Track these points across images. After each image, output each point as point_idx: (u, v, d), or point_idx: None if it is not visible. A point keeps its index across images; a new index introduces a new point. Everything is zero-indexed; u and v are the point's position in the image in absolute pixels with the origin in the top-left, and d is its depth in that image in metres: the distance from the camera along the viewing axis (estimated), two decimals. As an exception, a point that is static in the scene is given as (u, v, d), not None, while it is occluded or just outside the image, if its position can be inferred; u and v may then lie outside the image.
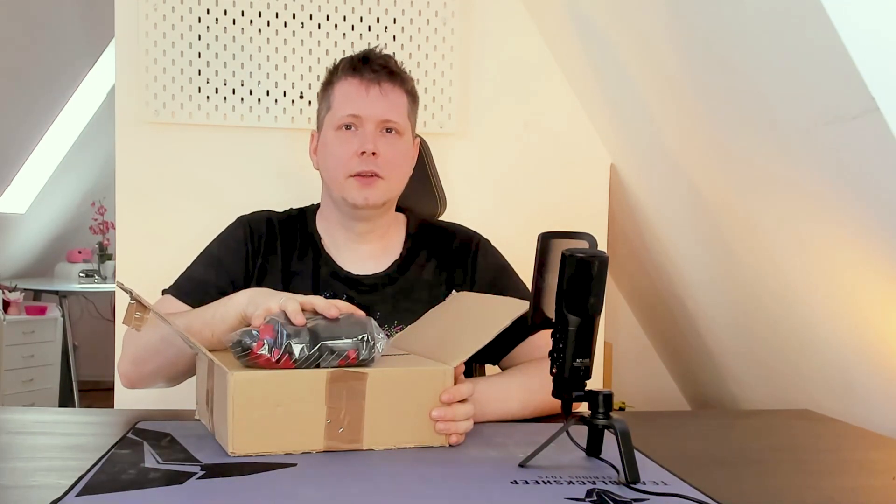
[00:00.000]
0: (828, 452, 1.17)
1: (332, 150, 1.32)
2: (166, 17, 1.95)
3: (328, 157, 1.34)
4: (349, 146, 1.31)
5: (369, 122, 1.31)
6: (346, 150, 1.31)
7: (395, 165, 1.33)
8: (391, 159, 1.32)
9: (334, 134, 1.32)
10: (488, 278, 1.39)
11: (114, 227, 4.18)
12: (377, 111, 1.31)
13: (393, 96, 1.33)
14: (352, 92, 1.32)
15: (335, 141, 1.32)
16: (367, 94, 1.31)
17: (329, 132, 1.33)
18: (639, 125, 1.89)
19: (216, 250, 1.37)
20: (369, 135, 1.30)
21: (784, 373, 1.72)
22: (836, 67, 1.04)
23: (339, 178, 1.32)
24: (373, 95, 1.31)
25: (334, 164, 1.32)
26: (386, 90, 1.32)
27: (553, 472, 0.94)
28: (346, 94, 1.32)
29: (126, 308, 1.03)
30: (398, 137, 1.33)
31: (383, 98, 1.31)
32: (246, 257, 1.35)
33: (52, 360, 4.31)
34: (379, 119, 1.31)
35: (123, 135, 1.98)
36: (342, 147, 1.31)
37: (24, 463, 0.99)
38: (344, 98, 1.32)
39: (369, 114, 1.30)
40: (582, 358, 0.93)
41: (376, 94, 1.31)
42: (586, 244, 0.93)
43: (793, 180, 1.32)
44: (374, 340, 1.00)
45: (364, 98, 1.31)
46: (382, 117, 1.31)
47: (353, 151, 1.30)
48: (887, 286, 1.23)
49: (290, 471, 0.92)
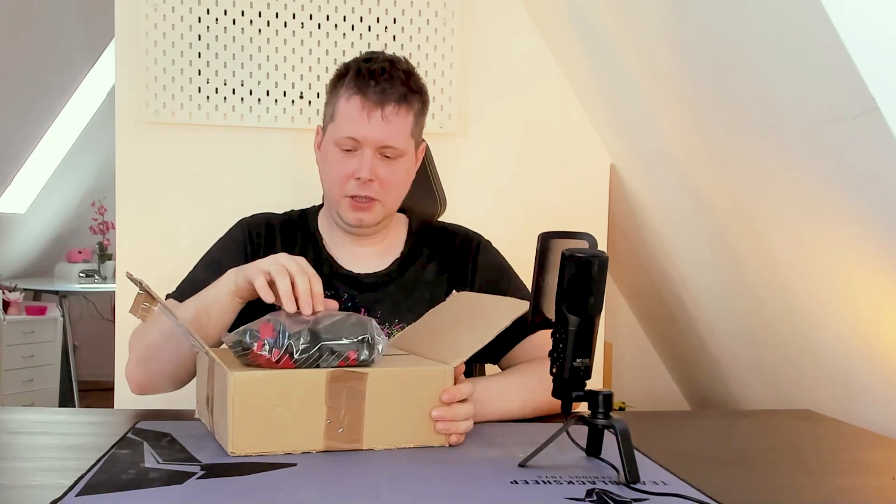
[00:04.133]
0: (828, 452, 1.17)
1: (331, 167, 1.31)
2: (166, 17, 1.95)
3: (326, 172, 1.33)
4: (346, 167, 1.29)
5: (368, 147, 1.27)
6: (343, 170, 1.29)
7: (391, 188, 1.31)
8: (388, 183, 1.30)
9: (333, 149, 1.30)
10: (488, 278, 1.39)
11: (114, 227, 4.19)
12: (377, 137, 1.27)
13: (396, 120, 1.27)
14: (353, 115, 1.27)
15: (334, 158, 1.30)
16: (368, 119, 1.26)
17: (330, 144, 1.31)
18: (639, 125, 1.89)
19: (216, 254, 1.37)
20: (367, 161, 1.27)
21: (784, 373, 1.73)
22: (836, 67, 1.04)
23: (335, 196, 1.32)
24: (374, 121, 1.26)
25: (331, 182, 1.32)
26: (388, 115, 1.26)
27: (553, 472, 0.94)
28: (347, 115, 1.28)
29: (134, 298, 1.03)
30: (399, 160, 1.31)
31: (385, 124, 1.26)
32: (246, 259, 1.35)
33: (52, 360, 4.31)
34: (378, 145, 1.28)
35: (123, 135, 1.98)
36: (339, 166, 1.29)
37: (24, 463, 0.99)
38: (345, 118, 1.28)
39: (369, 138, 1.27)
40: (582, 358, 0.93)
41: (378, 120, 1.26)
42: (586, 244, 0.93)
43: (793, 180, 1.32)
44: (374, 341, 1.00)
45: (365, 123, 1.26)
46: (382, 143, 1.27)
47: (349, 173, 1.28)
48: (888, 286, 1.23)
49: (290, 471, 0.92)
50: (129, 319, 1.14)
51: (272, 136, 2.02)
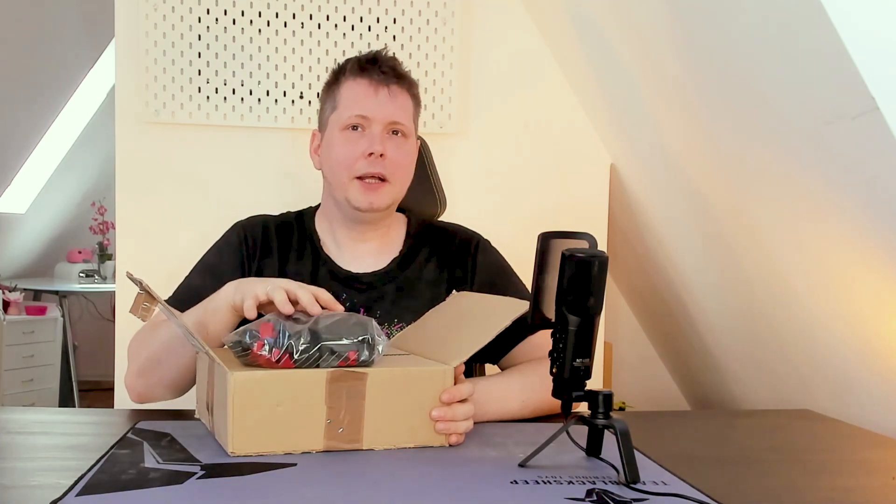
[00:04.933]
0: (828, 452, 1.17)
1: (338, 150, 1.31)
2: (166, 17, 1.95)
3: (333, 158, 1.32)
4: (356, 147, 1.30)
5: (377, 123, 1.30)
6: (352, 150, 1.30)
7: (401, 167, 1.33)
8: (398, 161, 1.32)
9: (340, 134, 1.31)
10: (488, 278, 1.39)
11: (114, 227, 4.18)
12: (386, 112, 1.30)
13: (401, 99, 1.32)
14: (360, 92, 1.31)
15: (341, 141, 1.31)
16: (375, 95, 1.30)
17: (334, 132, 1.32)
18: (639, 125, 1.89)
19: (212, 258, 1.37)
20: (377, 136, 1.29)
21: (784, 373, 1.72)
22: (836, 68, 1.04)
23: (343, 180, 1.31)
24: (381, 97, 1.30)
25: (339, 164, 1.31)
26: (394, 92, 1.31)
27: (553, 472, 0.94)
28: (354, 95, 1.31)
29: (134, 298, 1.03)
30: (404, 140, 1.33)
31: (392, 100, 1.31)
32: (241, 262, 1.34)
33: (52, 360, 4.31)
34: (387, 120, 1.30)
35: (123, 135, 1.98)
36: (348, 147, 1.30)
37: (24, 463, 0.99)
38: (352, 98, 1.31)
39: (378, 115, 1.30)
40: (582, 358, 0.93)
41: (385, 96, 1.30)
42: (586, 244, 0.93)
43: (792, 180, 1.32)
44: (374, 342, 1.00)
45: (373, 99, 1.30)
46: (391, 118, 1.30)
47: (359, 152, 1.29)
48: (887, 286, 1.23)
49: (290, 471, 0.92)
50: (129, 319, 1.14)
51: (272, 136, 2.02)
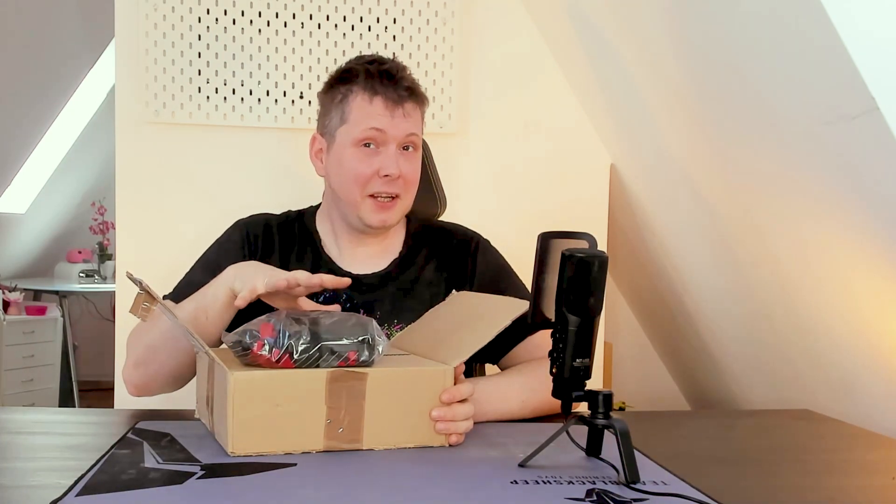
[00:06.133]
0: (828, 452, 1.17)
1: (350, 167, 1.29)
2: (166, 17, 1.95)
3: (344, 174, 1.30)
4: (369, 165, 1.28)
5: (392, 141, 1.28)
6: (365, 169, 1.28)
7: (412, 183, 1.33)
8: (410, 178, 1.31)
9: (353, 150, 1.29)
10: (488, 278, 1.39)
11: (114, 227, 4.18)
12: (401, 130, 1.28)
13: (415, 115, 1.31)
14: (374, 112, 1.27)
15: (354, 157, 1.29)
16: (391, 115, 1.28)
17: (346, 146, 1.30)
18: (639, 125, 1.89)
19: (213, 255, 1.37)
20: (392, 156, 1.28)
21: (784, 373, 1.72)
22: (836, 67, 1.04)
23: (355, 198, 1.30)
24: (397, 117, 1.28)
25: (352, 182, 1.29)
26: (409, 110, 1.29)
27: (553, 472, 0.94)
28: (367, 114, 1.28)
29: (134, 298, 1.03)
30: (415, 153, 1.33)
31: (406, 118, 1.29)
32: (243, 260, 1.34)
33: (52, 360, 4.31)
34: (403, 135, 1.29)
35: (123, 135, 1.98)
36: (362, 165, 1.28)
37: (24, 463, 0.99)
38: (363, 115, 1.28)
39: (393, 133, 1.28)
40: (582, 358, 0.93)
41: (400, 116, 1.28)
42: (586, 244, 0.93)
43: (793, 180, 1.32)
44: (374, 342, 1.00)
45: (388, 118, 1.27)
46: (405, 133, 1.29)
47: (373, 171, 1.28)
48: (888, 286, 1.23)
49: (290, 471, 0.92)
50: (129, 319, 1.14)
51: (272, 136, 2.02)
